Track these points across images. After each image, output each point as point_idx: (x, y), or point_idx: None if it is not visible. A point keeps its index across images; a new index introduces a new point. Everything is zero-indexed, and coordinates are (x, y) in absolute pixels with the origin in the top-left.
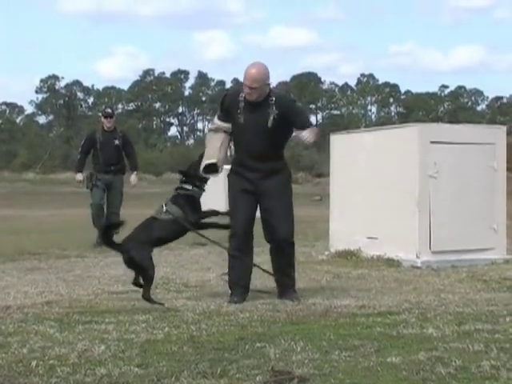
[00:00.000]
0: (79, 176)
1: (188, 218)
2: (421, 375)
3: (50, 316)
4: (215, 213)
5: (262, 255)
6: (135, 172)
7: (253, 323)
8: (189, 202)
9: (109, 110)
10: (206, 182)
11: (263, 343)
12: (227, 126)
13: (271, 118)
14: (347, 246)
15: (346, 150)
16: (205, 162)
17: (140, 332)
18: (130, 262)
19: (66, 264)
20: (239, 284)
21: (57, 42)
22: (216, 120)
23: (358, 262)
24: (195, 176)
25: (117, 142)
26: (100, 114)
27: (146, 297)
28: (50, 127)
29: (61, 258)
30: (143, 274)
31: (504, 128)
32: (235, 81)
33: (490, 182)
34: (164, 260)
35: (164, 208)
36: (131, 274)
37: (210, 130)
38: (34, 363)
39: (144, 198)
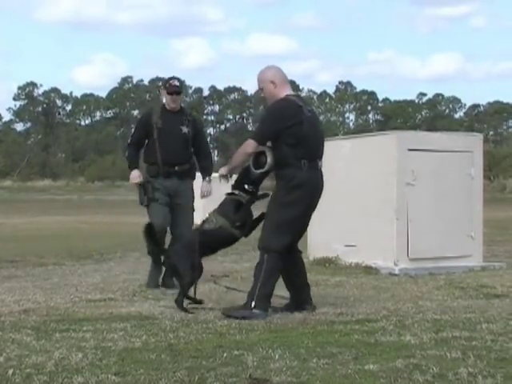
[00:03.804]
0: (135, 175)
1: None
2: (398, 383)
3: (26, 324)
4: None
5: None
6: (208, 178)
7: (231, 331)
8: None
9: (176, 83)
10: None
11: (241, 351)
12: None
13: None
14: (325, 253)
15: (324, 157)
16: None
17: (118, 340)
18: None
19: (44, 272)
20: None
21: (35, 49)
22: None
23: (336, 269)
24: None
25: (185, 129)
26: (161, 88)
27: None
28: (28, 134)
29: (38, 266)
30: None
31: (481, 136)
32: (213, 88)
33: (468, 189)
34: (142, 268)
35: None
36: (108, 281)
37: None
38: (10, 372)
39: (122, 205)
